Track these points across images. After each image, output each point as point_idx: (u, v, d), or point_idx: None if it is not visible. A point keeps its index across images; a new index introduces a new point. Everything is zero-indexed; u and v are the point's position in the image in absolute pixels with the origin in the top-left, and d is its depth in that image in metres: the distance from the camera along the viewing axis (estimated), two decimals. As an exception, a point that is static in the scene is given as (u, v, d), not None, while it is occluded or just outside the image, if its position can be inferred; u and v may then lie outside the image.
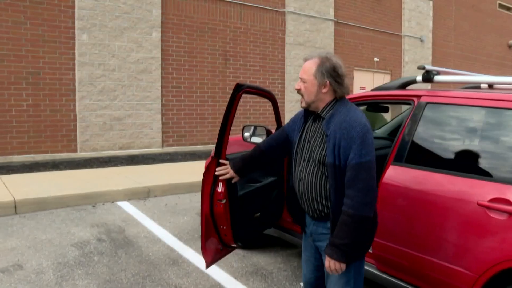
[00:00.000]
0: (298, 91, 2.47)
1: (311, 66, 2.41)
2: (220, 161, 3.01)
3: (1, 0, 8.81)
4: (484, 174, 2.75)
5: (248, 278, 4.07)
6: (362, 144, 2.25)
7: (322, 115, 2.43)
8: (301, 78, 2.45)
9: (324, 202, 2.40)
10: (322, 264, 2.56)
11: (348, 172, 2.26)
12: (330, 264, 2.29)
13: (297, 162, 2.53)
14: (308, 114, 2.56)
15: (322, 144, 2.38)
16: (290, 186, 2.70)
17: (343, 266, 2.28)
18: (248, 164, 2.87)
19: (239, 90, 3.14)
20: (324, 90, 2.40)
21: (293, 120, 2.72)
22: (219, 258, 3.49)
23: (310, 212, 2.48)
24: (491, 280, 2.56)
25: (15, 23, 8.99)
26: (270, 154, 2.83)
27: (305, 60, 2.48)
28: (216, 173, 2.98)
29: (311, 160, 2.43)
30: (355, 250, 2.31)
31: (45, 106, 9.41)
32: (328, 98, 2.42)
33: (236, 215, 3.28)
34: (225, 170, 2.91)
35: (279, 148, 2.80)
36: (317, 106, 2.45)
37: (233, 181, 2.94)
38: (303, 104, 2.48)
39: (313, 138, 2.46)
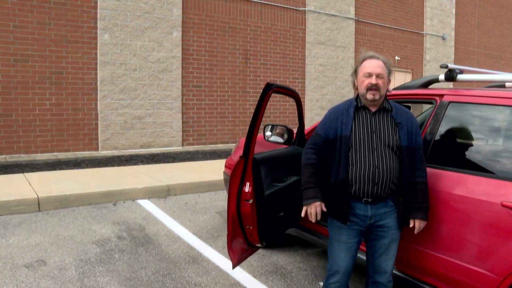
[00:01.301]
0: (375, 86, 2.70)
1: (381, 63, 2.78)
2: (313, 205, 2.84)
3: (27, 2, 8.98)
4: (509, 175, 2.69)
5: (268, 277, 4.06)
6: (418, 129, 2.85)
7: (387, 107, 2.82)
8: (378, 74, 2.73)
9: (396, 181, 2.74)
10: (357, 249, 2.87)
11: (418, 151, 2.80)
12: (420, 225, 2.80)
13: (363, 153, 2.72)
14: (359, 109, 2.81)
15: (394, 132, 2.75)
16: (335, 182, 2.76)
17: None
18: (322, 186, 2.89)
19: (269, 89, 3.15)
20: (388, 86, 2.85)
21: (330, 120, 2.87)
22: (245, 258, 3.50)
23: (383, 194, 2.72)
24: (516, 283, 2.51)
25: (40, 24, 9.16)
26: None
27: (373, 58, 2.80)
28: (314, 218, 2.83)
29: (384, 147, 2.72)
30: None
31: (67, 105, 9.57)
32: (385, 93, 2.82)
33: (262, 215, 3.28)
34: (319, 208, 2.83)
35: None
36: (381, 101, 2.79)
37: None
38: (377, 97, 2.73)
39: (381, 128, 2.76)
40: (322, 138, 2.86)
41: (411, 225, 2.81)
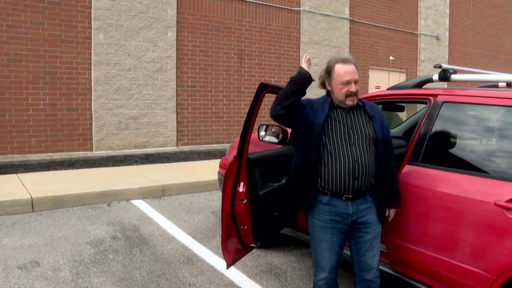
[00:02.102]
0: (355, 93, 2.78)
1: (354, 68, 2.82)
2: None
3: (20, 2, 8.93)
4: (502, 174, 2.70)
5: (262, 277, 4.06)
6: (387, 122, 2.99)
7: (360, 103, 2.90)
8: (356, 81, 2.79)
9: (374, 174, 2.83)
10: (342, 248, 2.89)
11: (389, 143, 2.96)
12: (394, 212, 3.01)
13: (342, 148, 2.76)
14: (334, 107, 2.86)
15: (369, 125, 2.85)
16: (305, 165, 2.82)
17: None
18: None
19: (263, 89, 3.15)
20: None
21: (310, 106, 2.89)
22: (239, 258, 3.50)
23: (363, 188, 2.79)
24: (509, 281, 2.52)
25: (34, 23, 9.11)
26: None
27: (347, 62, 2.82)
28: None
29: (362, 141, 2.79)
30: None
31: (61, 105, 9.53)
32: None
33: (257, 215, 3.27)
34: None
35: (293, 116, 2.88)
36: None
37: None
38: (355, 101, 2.82)
39: (357, 124, 2.83)
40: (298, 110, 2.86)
41: (386, 214, 2.97)
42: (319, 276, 2.87)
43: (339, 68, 2.80)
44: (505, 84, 3.47)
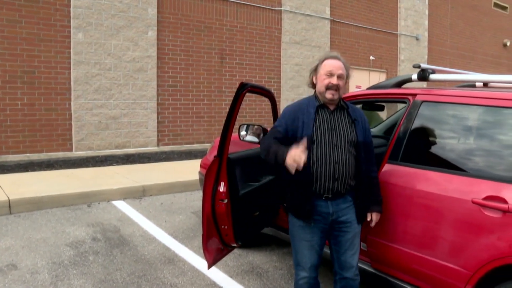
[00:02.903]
0: (336, 86, 2.78)
1: (342, 65, 2.84)
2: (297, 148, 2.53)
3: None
4: (479, 172, 2.75)
5: (244, 276, 4.06)
6: (369, 125, 3.01)
7: (344, 106, 2.93)
8: (339, 75, 2.81)
9: (353, 177, 2.84)
10: (322, 247, 2.90)
11: (371, 146, 2.98)
12: (377, 217, 2.99)
13: (324, 149, 2.77)
14: (318, 108, 2.86)
15: (352, 128, 2.86)
16: (296, 181, 2.78)
17: None
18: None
19: (243, 89, 3.15)
20: (345, 86, 2.90)
21: (289, 118, 2.87)
22: (220, 258, 3.49)
23: (342, 190, 2.80)
24: (485, 277, 2.57)
25: (10, 21, 8.95)
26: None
27: (335, 58, 2.86)
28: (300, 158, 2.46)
29: (343, 143, 2.80)
30: None
31: (40, 105, 9.38)
32: None
33: (238, 215, 3.27)
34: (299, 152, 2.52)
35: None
36: (338, 99, 2.88)
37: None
38: (336, 97, 2.81)
39: (340, 126, 2.85)
40: (281, 133, 2.84)
41: (368, 219, 2.98)
42: (300, 275, 2.88)
43: (326, 62, 2.87)
44: (482, 84, 3.55)
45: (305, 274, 2.86)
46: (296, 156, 2.45)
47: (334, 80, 2.79)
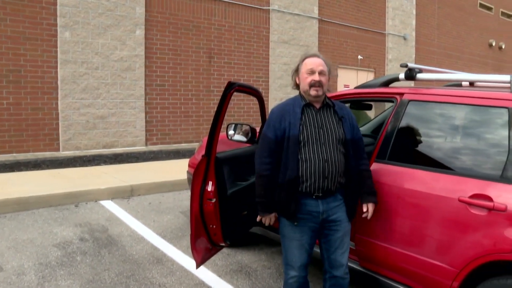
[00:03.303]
0: (318, 82, 2.81)
1: (322, 61, 2.88)
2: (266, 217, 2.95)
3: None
4: (465, 171, 2.78)
5: (233, 276, 4.06)
6: (357, 122, 3.04)
7: (329, 103, 2.95)
8: (320, 72, 2.84)
9: (343, 174, 2.86)
10: (312, 246, 2.92)
11: (360, 142, 3.00)
12: (373, 208, 2.98)
13: (312, 148, 2.79)
14: (304, 107, 2.87)
15: (339, 126, 2.88)
16: (283, 182, 2.79)
17: None
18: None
19: (231, 88, 3.15)
20: (328, 83, 2.92)
21: (277, 120, 2.87)
22: (209, 258, 3.49)
23: (333, 188, 2.81)
24: (471, 274, 2.60)
25: (-5, 20, 8.84)
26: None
27: (314, 56, 2.91)
28: (268, 223, 2.97)
29: (331, 141, 2.82)
30: None
31: (26, 105, 9.28)
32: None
33: (226, 214, 3.27)
34: (273, 219, 2.97)
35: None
36: (323, 97, 2.91)
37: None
38: (320, 93, 2.83)
39: (327, 124, 2.87)
40: (273, 140, 2.85)
41: (364, 209, 2.97)
42: (289, 274, 2.89)
43: (306, 60, 2.90)
44: (468, 83, 3.59)
45: (294, 273, 2.87)
46: (267, 223, 2.95)
47: (316, 77, 2.81)
